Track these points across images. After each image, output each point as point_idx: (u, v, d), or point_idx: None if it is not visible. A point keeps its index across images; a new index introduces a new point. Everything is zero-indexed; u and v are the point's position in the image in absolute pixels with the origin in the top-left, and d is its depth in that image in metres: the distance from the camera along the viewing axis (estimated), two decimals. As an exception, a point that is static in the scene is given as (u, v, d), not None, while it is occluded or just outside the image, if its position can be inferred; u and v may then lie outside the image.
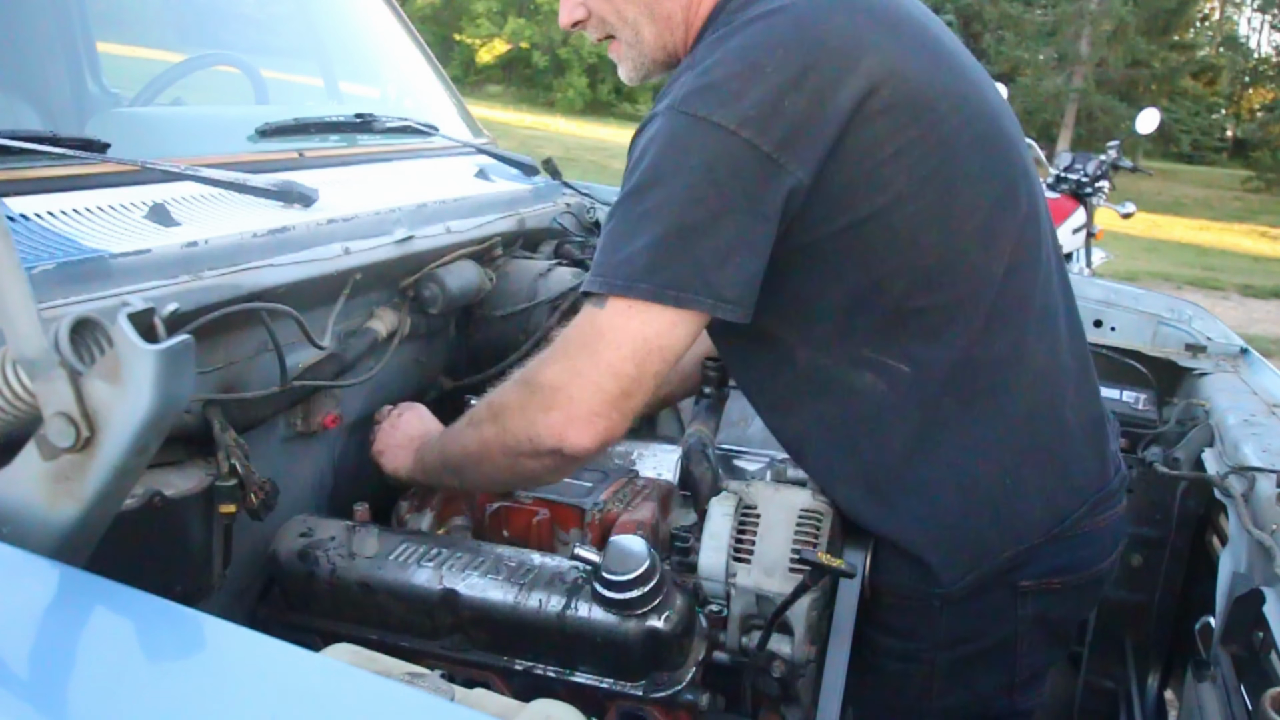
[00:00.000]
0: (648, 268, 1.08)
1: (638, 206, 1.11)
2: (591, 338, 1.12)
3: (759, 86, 1.08)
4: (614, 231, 1.13)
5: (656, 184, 1.10)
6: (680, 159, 1.09)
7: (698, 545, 1.23)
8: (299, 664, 0.67)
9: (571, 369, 1.13)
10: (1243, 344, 2.04)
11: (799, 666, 1.18)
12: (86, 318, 0.76)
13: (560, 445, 1.12)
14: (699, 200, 1.08)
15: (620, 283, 1.09)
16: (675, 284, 1.08)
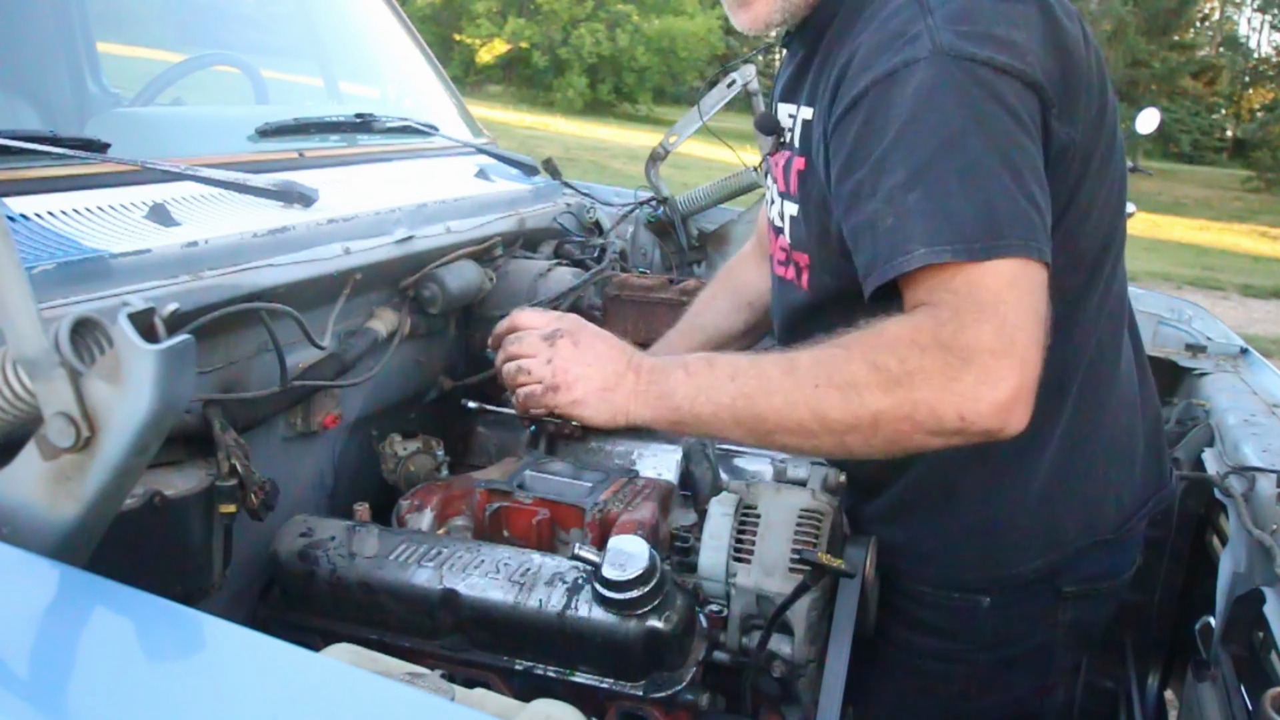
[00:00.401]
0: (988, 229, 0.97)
1: (955, 159, 1.00)
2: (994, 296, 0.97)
3: (1023, 34, 1.03)
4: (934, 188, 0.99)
5: (969, 132, 1.00)
6: (986, 104, 1.01)
7: (698, 545, 1.23)
8: (299, 664, 0.67)
9: (1005, 337, 0.96)
10: (1243, 344, 2.04)
11: (799, 666, 1.18)
12: (86, 318, 0.76)
13: (1001, 427, 0.97)
14: (1021, 147, 1.01)
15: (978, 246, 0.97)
16: (1035, 236, 0.99)
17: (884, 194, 1.02)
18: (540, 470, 1.44)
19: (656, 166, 2.45)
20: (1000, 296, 0.97)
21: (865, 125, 1.04)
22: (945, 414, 0.97)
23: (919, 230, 0.99)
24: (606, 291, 1.85)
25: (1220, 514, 1.63)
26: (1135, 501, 1.26)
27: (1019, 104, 1.01)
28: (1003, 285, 0.97)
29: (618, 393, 1.14)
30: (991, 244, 0.97)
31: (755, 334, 1.68)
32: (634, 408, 1.14)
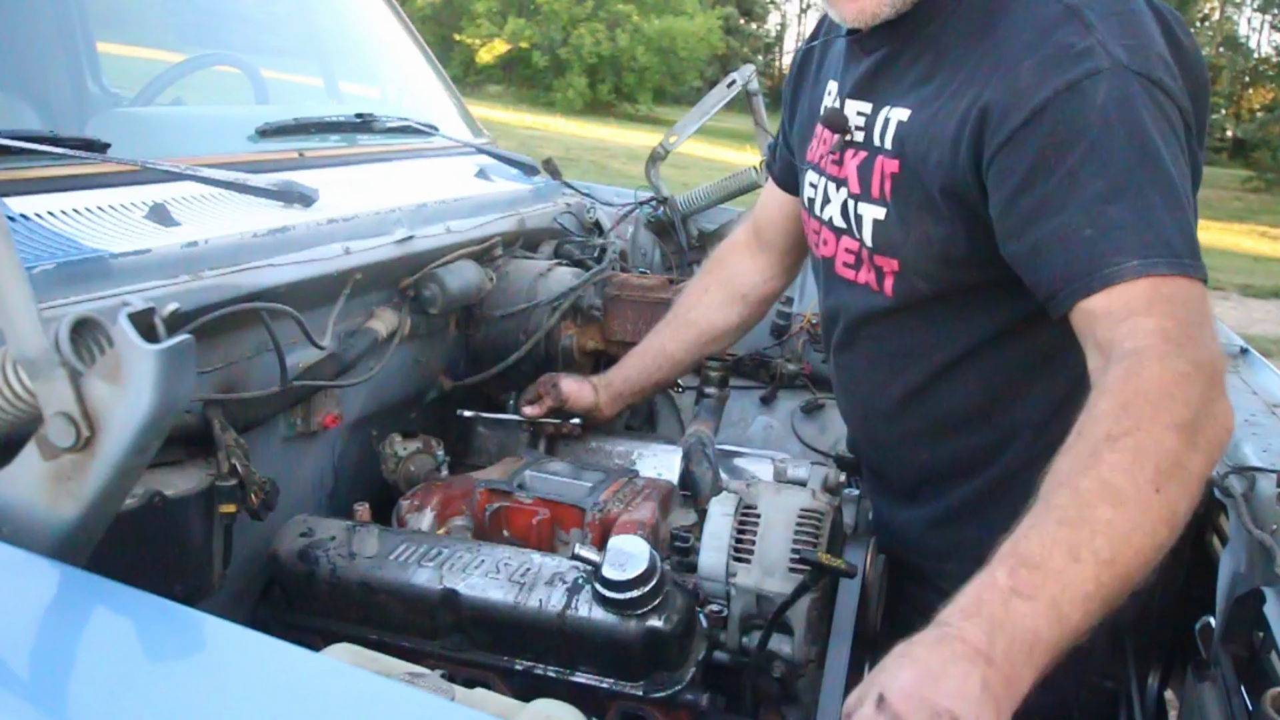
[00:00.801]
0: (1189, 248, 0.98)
1: (1154, 173, 0.99)
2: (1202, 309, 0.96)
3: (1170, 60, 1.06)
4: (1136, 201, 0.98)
5: (1161, 149, 1.00)
6: (1162, 124, 1.02)
7: (698, 545, 1.23)
8: (299, 664, 0.67)
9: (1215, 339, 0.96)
10: (1243, 344, 2.04)
11: (799, 666, 1.18)
12: (87, 318, 0.76)
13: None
14: (1185, 174, 1.03)
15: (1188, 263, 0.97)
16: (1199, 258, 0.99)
17: (1078, 205, 0.99)
18: (540, 470, 1.44)
19: (656, 166, 2.45)
20: (1205, 312, 0.97)
21: (1050, 138, 1.02)
22: (1223, 439, 0.92)
23: (1127, 242, 0.97)
24: (606, 291, 1.85)
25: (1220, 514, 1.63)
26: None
27: (1180, 130, 1.04)
28: (1200, 301, 0.97)
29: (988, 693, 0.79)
30: (1192, 263, 0.97)
31: (746, 327, 1.68)
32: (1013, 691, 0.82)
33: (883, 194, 1.20)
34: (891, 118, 1.20)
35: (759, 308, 1.66)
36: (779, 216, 1.58)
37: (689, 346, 1.62)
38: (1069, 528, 0.87)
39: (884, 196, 1.20)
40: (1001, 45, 1.09)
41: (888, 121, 1.21)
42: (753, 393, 2.09)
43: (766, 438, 2.04)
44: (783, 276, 1.64)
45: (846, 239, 1.29)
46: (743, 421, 2.07)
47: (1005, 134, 1.05)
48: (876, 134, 1.22)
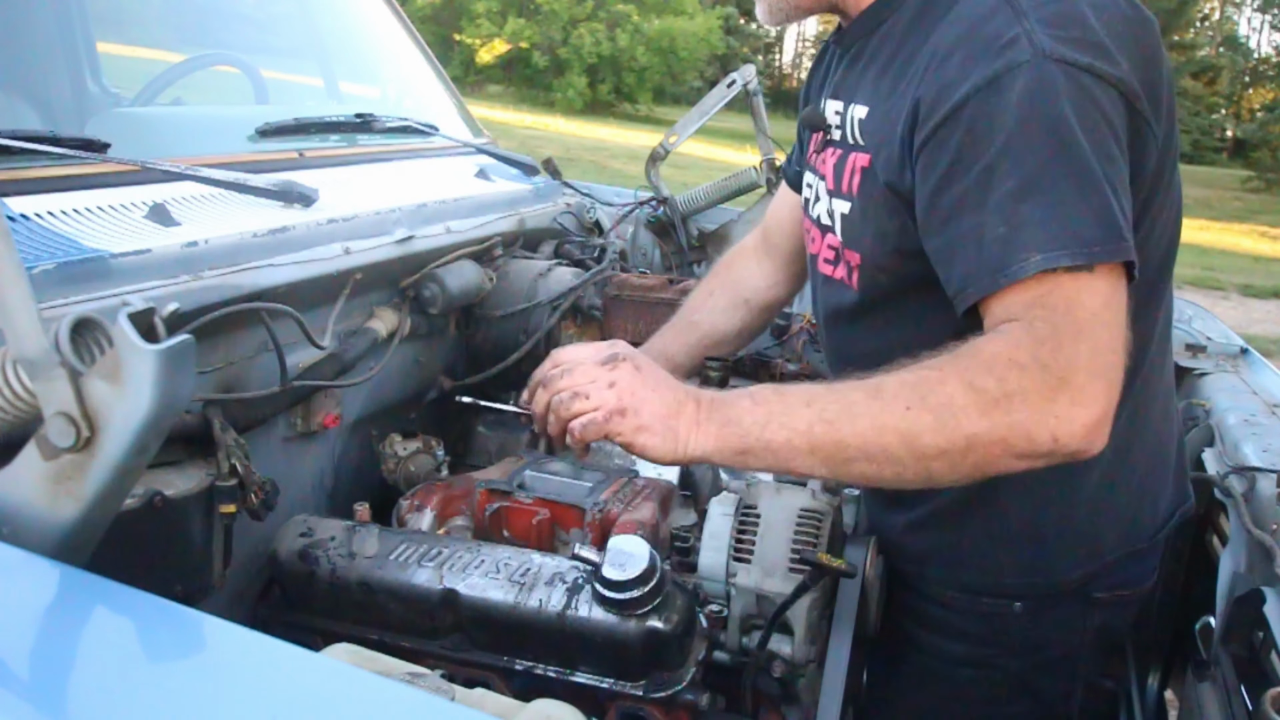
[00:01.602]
0: (1105, 233, 0.97)
1: (1068, 166, 0.99)
2: (1091, 316, 0.97)
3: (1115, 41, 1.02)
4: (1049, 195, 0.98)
5: (1076, 140, 0.99)
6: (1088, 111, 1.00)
7: (698, 545, 1.23)
8: (299, 664, 0.67)
9: (1096, 352, 0.96)
10: (1243, 344, 2.04)
11: (799, 666, 1.18)
12: (87, 318, 0.76)
13: (1089, 448, 0.97)
14: (1112, 158, 1.01)
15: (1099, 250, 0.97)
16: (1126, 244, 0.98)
17: (993, 204, 0.99)
18: (540, 470, 1.44)
19: (656, 166, 2.45)
20: (1097, 316, 0.96)
21: (967, 135, 1.01)
22: (1039, 436, 0.95)
23: (1035, 237, 0.97)
24: (606, 291, 1.85)
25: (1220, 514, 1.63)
26: (1167, 510, 1.27)
27: (1114, 113, 1.01)
28: (1100, 305, 0.97)
29: (680, 420, 1.03)
30: (1103, 249, 0.97)
31: (751, 333, 1.67)
32: (696, 438, 1.03)
33: (850, 188, 1.21)
34: (855, 115, 1.22)
35: (761, 315, 1.66)
36: (787, 220, 1.58)
37: (690, 349, 1.61)
38: (825, 389, 1.03)
39: (851, 191, 1.21)
40: (941, 38, 1.08)
41: (854, 119, 1.22)
42: (753, 393, 2.09)
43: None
44: (787, 284, 1.64)
45: (829, 235, 1.30)
46: (743, 421, 2.06)
47: (929, 130, 1.05)
48: (848, 131, 1.24)
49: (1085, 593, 1.25)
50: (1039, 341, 0.96)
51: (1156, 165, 1.08)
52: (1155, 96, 1.06)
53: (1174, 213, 1.18)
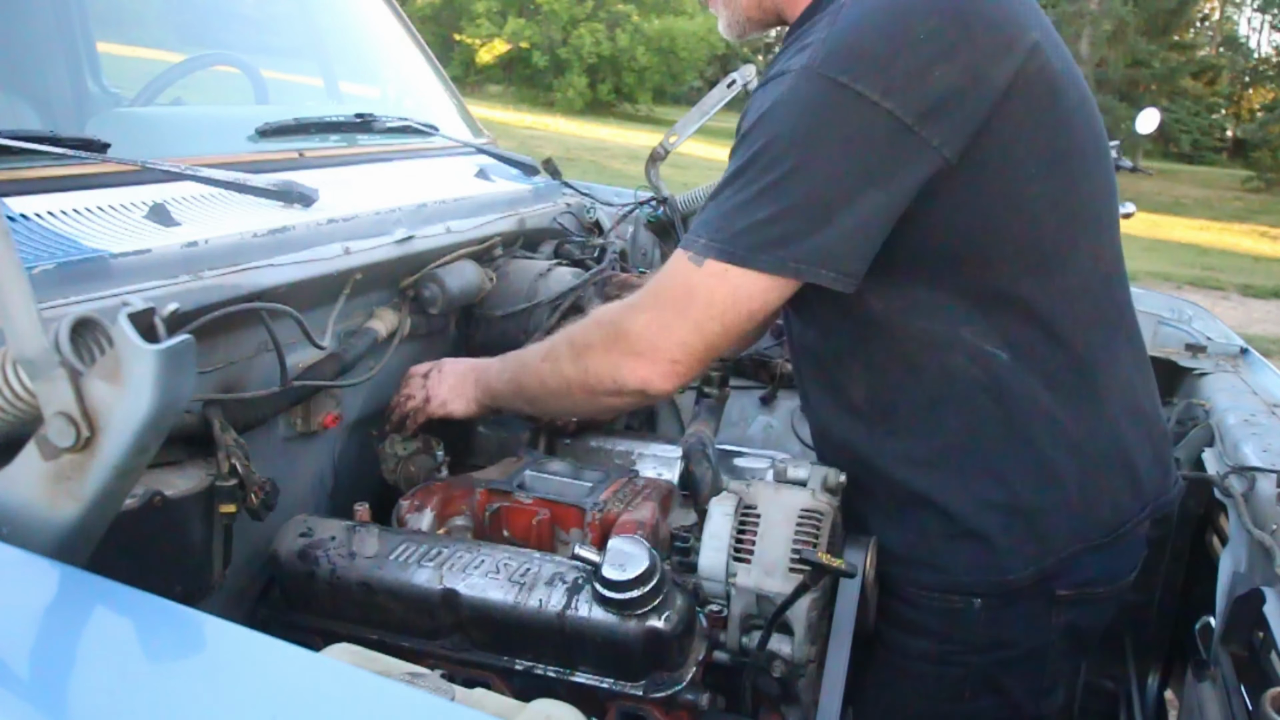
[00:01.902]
0: (773, 239, 1.07)
1: (766, 175, 1.07)
2: (684, 295, 1.14)
3: (908, 54, 1.03)
4: (737, 196, 1.10)
5: (789, 153, 1.06)
6: (818, 130, 1.06)
7: (698, 545, 1.23)
8: (299, 664, 0.67)
9: (660, 321, 1.17)
10: (1243, 344, 2.04)
11: (799, 666, 1.18)
12: (86, 318, 0.76)
13: (644, 388, 1.20)
14: (835, 178, 1.06)
15: (738, 251, 1.09)
16: (800, 258, 1.07)
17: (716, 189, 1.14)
18: (540, 470, 1.44)
19: (656, 166, 2.45)
20: (694, 292, 1.13)
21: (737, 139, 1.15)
22: (604, 377, 1.22)
23: (709, 221, 1.13)
24: (607, 291, 1.85)
25: (1220, 514, 1.63)
26: (1134, 507, 1.26)
27: (874, 123, 1.04)
28: (724, 292, 1.11)
29: (465, 387, 1.45)
30: (712, 244, 1.11)
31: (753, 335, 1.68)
32: (475, 394, 1.45)
33: None
34: None
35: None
36: None
37: None
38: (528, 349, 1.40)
39: None
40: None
41: None
42: (753, 393, 2.09)
43: (766, 438, 2.04)
44: None
45: None
46: (743, 421, 2.07)
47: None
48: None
49: (1048, 590, 1.24)
50: (628, 305, 1.22)
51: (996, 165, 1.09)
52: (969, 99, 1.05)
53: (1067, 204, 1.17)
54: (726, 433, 1.88)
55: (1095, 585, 1.27)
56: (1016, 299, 1.16)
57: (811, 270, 1.08)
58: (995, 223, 1.13)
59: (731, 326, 1.14)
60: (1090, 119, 1.19)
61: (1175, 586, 1.84)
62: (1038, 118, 1.10)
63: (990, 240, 1.14)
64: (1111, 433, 1.24)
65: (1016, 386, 1.19)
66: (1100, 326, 1.23)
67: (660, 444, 1.66)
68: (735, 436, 2.00)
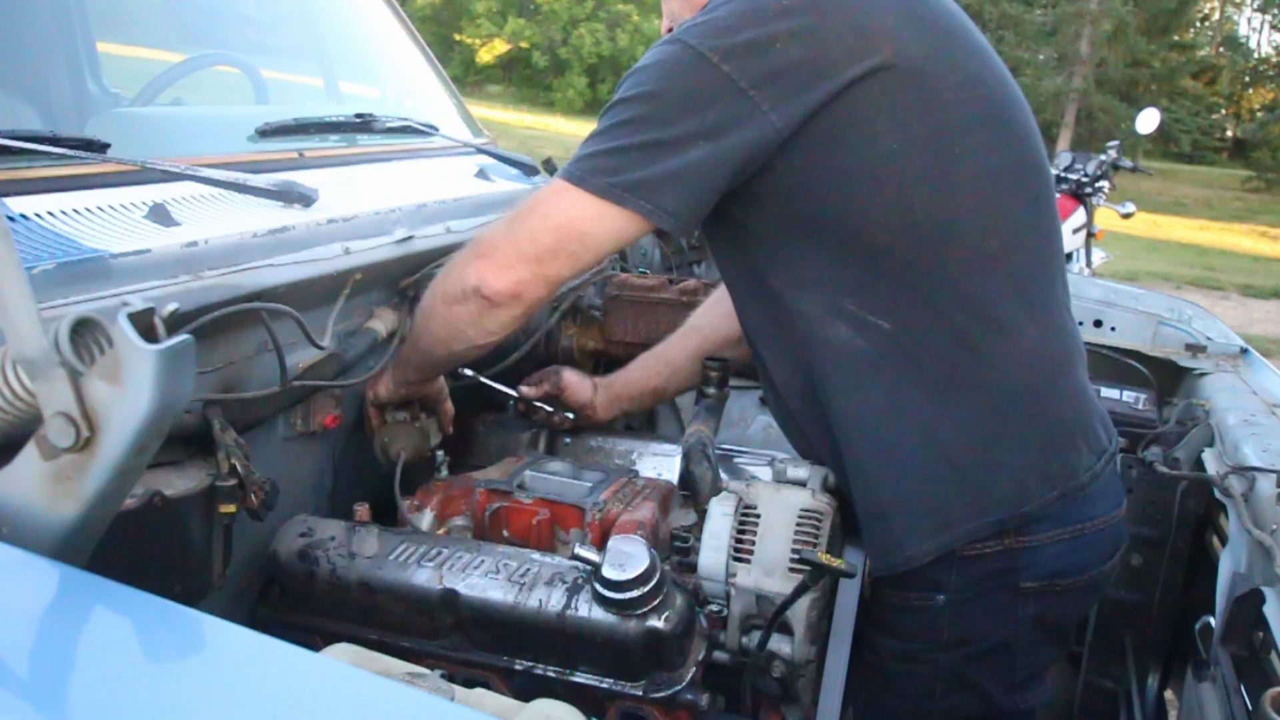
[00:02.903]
0: (607, 168, 1.18)
1: (618, 115, 1.20)
2: (528, 208, 1.26)
3: (755, 27, 1.15)
4: (593, 133, 1.23)
5: (638, 99, 1.19)
6: (664, 82, 1.18)
7: (698, 545, 1.23)
8: (299, 664, 0.67)
9: (504, 228, 1.27)
10: (1243, 344, 2.04)
11: (799, 666, 1.18)
12: (86, 318, 0.76)
13: (479, 285, 1.25)
14: (669, 122, 1.16)
15: (576, 174, 1.21)
16: (624, 186, 1.17)
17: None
18: (540, 470, 1.44)
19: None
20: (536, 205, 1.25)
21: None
22: (455, 283, 1.28)
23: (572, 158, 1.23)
24: (606, 291, 1.85)
25: (1220, 514, 1.64)
26: (1043, 485, 1.24)
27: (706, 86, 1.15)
28: (560, 207, 1.22)
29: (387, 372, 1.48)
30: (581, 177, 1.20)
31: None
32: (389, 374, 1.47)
33: None
34: None
35: None
36: None
37: (690, 353, 1.62)
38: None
39: None
40: None
41: None
42: (753, 393, 2.09)
43: (766, 438, 2.04)
44: None
45: None
46: (743, 421, 2.07)
47: None
48: None
49: (1012, 584, 1.24)
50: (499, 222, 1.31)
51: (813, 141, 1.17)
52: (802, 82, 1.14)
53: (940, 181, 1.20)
54: (726, 433, 1.88)
55: (1062, 577, 1.26)
56: (893, 267, 1.20)
57: (633, 200, 1.17)
58: (858, 192, 1.19)
59: (564, 243, 1.22)
60: (994, 118, 1.23)
61: (1175, 586, 1.84)
62: (898, 103, 1.17)
63: (856, 209, 1.19)
64: (1008, 408, 1.23)
65: (899, 356, 1.21)
66: (994, 301, 1.22)
67: (660, 444, 1.66)
68: (735, 436, 2.00)
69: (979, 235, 1.21)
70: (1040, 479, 1.24)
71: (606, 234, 1.22)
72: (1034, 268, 1.27)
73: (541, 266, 1.24)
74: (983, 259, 1.22)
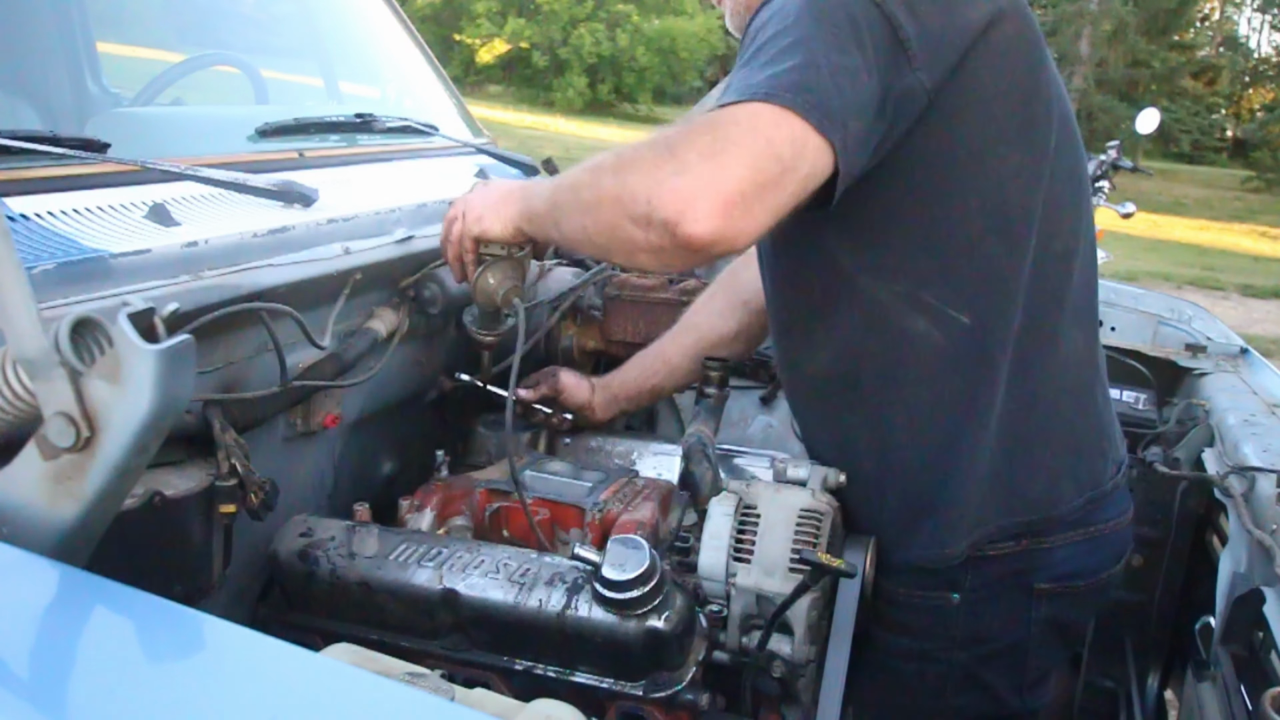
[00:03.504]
0: (796, 85, 1.01)
1: (781, 41, 1.05)
2: (736, 130, 1.01)
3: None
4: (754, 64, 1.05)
5: (801, 24, 1.05)
6: (828, 11, 1.06)
7: (698, 545, 1.23)
8: (299, 664, 0.67)
9: (717, 147, 1.00)
10: (1243, 344, 2.04)
11: (799, 666, 1.18)
12: (86, 318, 0.76)
13: (678, 220, 1.00)
14: (844, 49, 1.04)
15: (766, 91, 1.01)
16: (820, 107, 1.00)
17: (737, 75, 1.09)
18: (540, 470, 1.44)
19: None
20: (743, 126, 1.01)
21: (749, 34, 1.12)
22: (639, 195, 1.03)
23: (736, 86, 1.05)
24: (606, 291, 1.85)
25: (1220, 514, 1.63)
26: (1071, 491, 1.25)
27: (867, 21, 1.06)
28: (762, 121, 1.00)
29: (504, 206, 1.30)
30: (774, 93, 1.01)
31: (750, 335, 1.68)
32: (509, 214, 1.29)
33: None
34: None
35: (760, 317, 1.65)
36: None
37: (687, 351, 1.62)
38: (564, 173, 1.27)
39: None
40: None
41: None
42: (753, 393, 2.09)
43: (766, 438, 2.04)
44: None
45: None
46: (743, 421, 2.07)
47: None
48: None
49: (1026, 584, 1.25)
50: (681, 129, 1.06)
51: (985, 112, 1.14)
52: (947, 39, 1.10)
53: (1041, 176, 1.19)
54: (726, 433, 1.88)
55: (1075, 579, 1.27)
56: (980, 260, 1.18)
57: (827, 123, 1.00)
58: (963, 175, 1.15)
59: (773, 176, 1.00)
60: (1061, 100, 1.22)
61: (1175, 586, 1.84)
62: (1012, 75, 1.14)
63: (957, 193, 1.16)
64: (1049, 411, 1.24)
65: (977, 353, 1.20)
66: (1050, 303, 1.23)
67: (660, 444, 1.66)
68: (735, 436, 2.00)
69: (1049, 236, 1.21)
70: (1072, 483, 1.25)
71: (808, 166, 1.02)
72: (1083, 273, 1.28)
73: (751, 207, 1.00)
74: (1050, 260, 1.22)
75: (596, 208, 1.11)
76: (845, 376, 1.26)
